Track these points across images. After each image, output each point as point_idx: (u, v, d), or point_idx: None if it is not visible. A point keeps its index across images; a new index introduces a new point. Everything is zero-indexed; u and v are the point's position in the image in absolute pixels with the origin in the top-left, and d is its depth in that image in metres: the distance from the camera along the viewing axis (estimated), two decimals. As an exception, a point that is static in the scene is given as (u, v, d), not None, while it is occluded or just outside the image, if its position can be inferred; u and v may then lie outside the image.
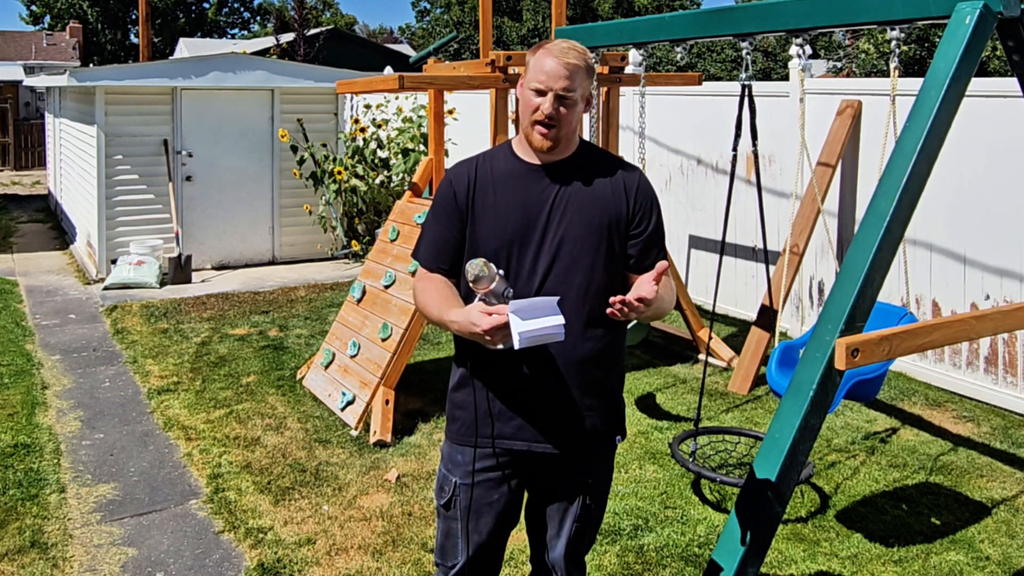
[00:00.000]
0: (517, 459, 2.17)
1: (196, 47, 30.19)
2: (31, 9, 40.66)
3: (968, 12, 2.55)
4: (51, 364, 5.75)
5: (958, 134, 3.22)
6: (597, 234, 2.10)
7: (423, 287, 2.16)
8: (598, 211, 2.11)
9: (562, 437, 2.14)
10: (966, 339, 2.91)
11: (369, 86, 5.61)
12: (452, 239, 2.15)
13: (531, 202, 2.10)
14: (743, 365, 5.29)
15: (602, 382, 2.17)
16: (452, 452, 2.22)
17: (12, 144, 20.39)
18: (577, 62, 2.06)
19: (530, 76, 2.08)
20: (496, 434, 2.14)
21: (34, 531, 3.56)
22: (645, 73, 4.82)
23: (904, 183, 2.45)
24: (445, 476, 2.23)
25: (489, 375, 2.14)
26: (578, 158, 2.16)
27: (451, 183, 2.18)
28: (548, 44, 2.11)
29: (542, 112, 2.05)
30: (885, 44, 18.24)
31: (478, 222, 2.12)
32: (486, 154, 2.23)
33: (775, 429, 2.41)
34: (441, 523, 2.26)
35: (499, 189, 2.13)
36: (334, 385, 4.96)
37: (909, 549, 3.40)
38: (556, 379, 2.10)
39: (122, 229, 8.26)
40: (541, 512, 2.27)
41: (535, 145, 2.10)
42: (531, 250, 2.08)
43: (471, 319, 1.91)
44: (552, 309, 1.90)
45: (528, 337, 1.86)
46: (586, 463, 2.21)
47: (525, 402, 2.12)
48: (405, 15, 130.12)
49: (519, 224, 2.09)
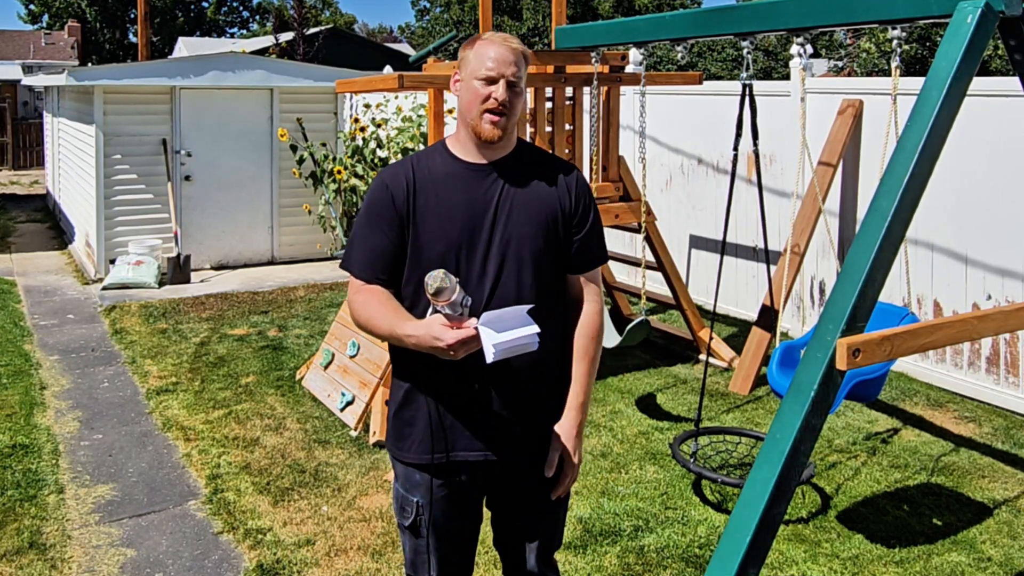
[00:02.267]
0: (474, 470, 2.11)
1: (195, 46, 30.17)
2: (29, 8, 40.66)
3: (970, 11, 2.53)
4: (49, 364, 5.74)
5: (960, 134, 3.20)
6: (543, 231, 2.07)
7: (364, 300, 2.02)
8: (542, 208, 2.08)
9: (519, 441, 2.10)
10: (968, 339, 2.90)
11: (369, 85, 5.60)
12: (390, 246, 2.03)
13: (475, 202, 2.04)
14: (744, 365, 5.28)
15: (556, 380, 2.14)
16: (408, 472, 2.13)
17: (10, 144, 20.39)
18: (519, 48, 2.05)
19: (474, 67, 2.02)
20: (450, 447, 2.07)
21: (32, 532, 3.54)
22: (645, 72, 4.81)
23: (905, 183, 2.44)
24: (405, 497, 2.14)
25: (438, 387, 2.05)
26: (518, 156, 2.13)
27: (387, 187, 2.06)
28: (485, 35, 2.07)
29: (495, 99, 2.00)
30: (886, 43, 18.24)
31: (420, 226, 2.03)
32: (420, 155, 2.15)
33: (776, 430, 2.39)
34: (408, 541, 2.20)
35: (440, 190, 2.04)
36: (333, 385, 4.95)
37: (910, 550, 3.39)
38: (509, 383, 2.05)
39: (121, 229, 8.25)
40: (507, 522, 2.23)
41: (484, 135, 2.03)
42: (479, 252, 2.02)
43: (433, 333, 1.84)
44: (524, 319, 1.85)
45: (503, 350, 1.82)
46: (542, 459, 2.14)
47: (478, 411, 2.06)
48: (405, 14, 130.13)
49: (465, 225, 2.02)
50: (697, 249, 7.14)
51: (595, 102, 5.02)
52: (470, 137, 2.07)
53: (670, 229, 7.08)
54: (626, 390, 5.17)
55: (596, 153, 5.21)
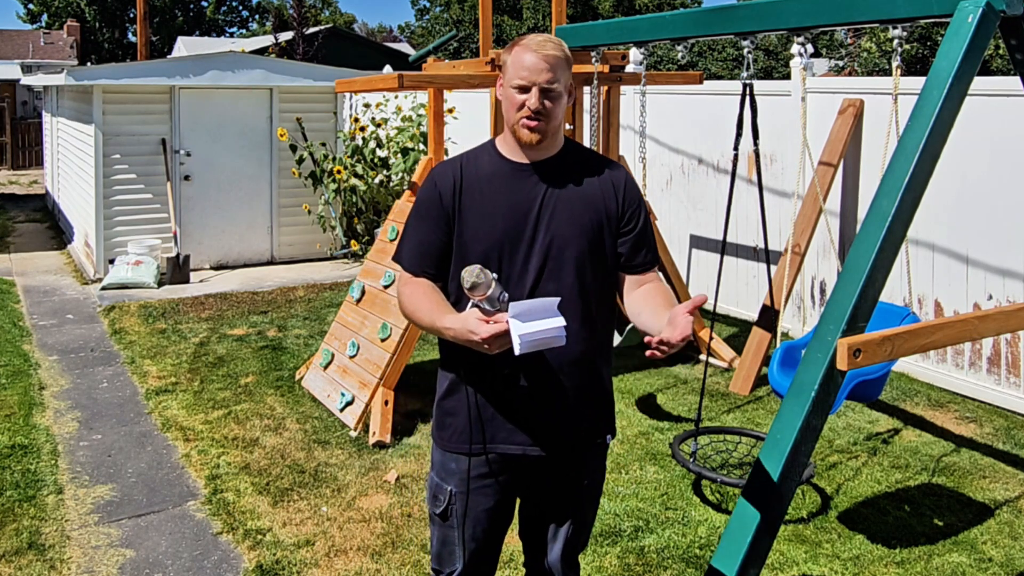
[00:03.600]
0: (511, 464, 2.14)
1: (194, 46, 30.14)
2: (28, 7, 40.63)
3: (971, 11, 2.53)
4: (48, 364, 5.73)
5: (960, 133, 3.19)
6: (587, 233, 2.07)
7: (410, 292, 2.10)
8: (588, 210, 2.08)
9: (555, 439, 2.12)
10: (969, 339, 2.89)
11: (368, 85, 5.59)
12: (437, 242, 2.10)
13: (520, 202, 2.07)
14: (744, 365, 5.27)
15: (594, 382, 2.15)
16: (445, 460, 2.18)
17: (9, 143, 20.36)
18: (556, 53, 2.04)
19: (511, 74, 2.05)
20: (489, 439, 2.11)
21: (31, 532, 3.54)
22: (646, 72, 4.80)
23: (906, 182, 2.43)
24: (439, 485, 2.19)
25: (480, 380, 2.10)
26: (564, 156, 2.14)
27: (435, 184, 2.12)
28: (524, 40, 2.08)
29: (528, 107, 2.02)
30: (887, 43, 18.23)
31: (466, 224, 2.08)
32: (469, 154, 2.18)
33: (776, 430, 2.39)
34: (436, 530, 2.23)
35: (486, 189, 2.09)
36: (333, 386, 4.94)
37: (911, 551, 3.38)
38: (548, 381, 2.07)
39: (120, 229, 8.24)
40: (536, 515, 2.25)
41: (523, 140, 2.06)
42: (522, 251, 2.05)
43: (468, 327, 1.88)
44: (552, 311, 1.86)
45: (528, 341, 1.82)
46: (580, 464, 2.19)
47: (518, 406, 2.10)
48: (404, 13, 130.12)
49: (508, 225, 2.05)
50: (697, 249, 7.13)
51: (595, 102, 5.01)
52: (514, 139, 2.11)
53: (670, 229, 7.08)
54: (626, 390, 5.16)
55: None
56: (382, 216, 9.07)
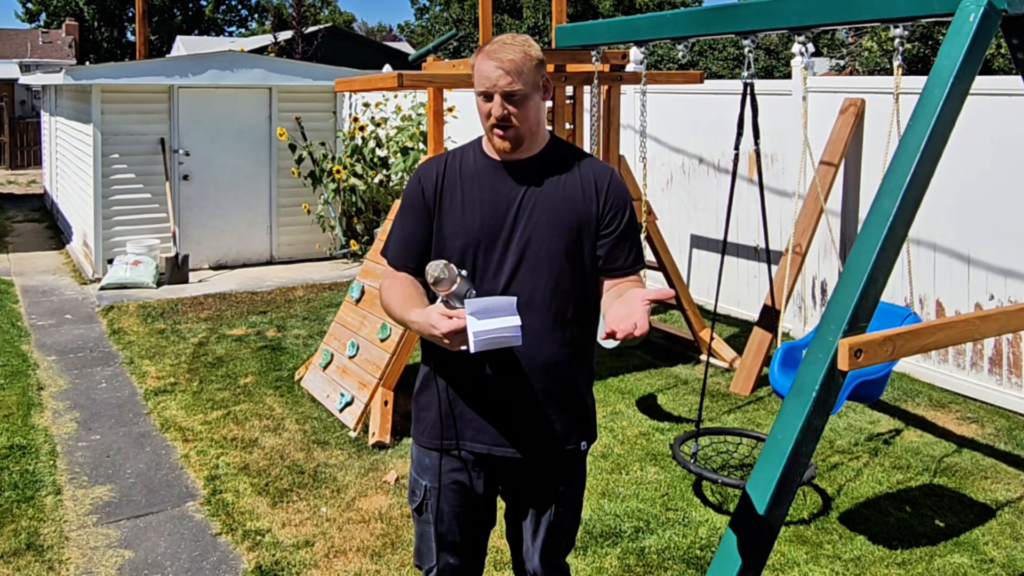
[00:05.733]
0: (483, 462, 2.13)
1: (193, 45, 30.11)
2: (27, 7, 40.61)
3: (972, 10, 2.52)
4: (47, 365, 5.72)
5: (962, 132, 3.18)
6: (565, 234, 2.05)
7: (388, 285, 2.13)
8: (567, 211, 2.07)
9: (524, 441, 2.09)
10: (970, 339, 2.88)
11: (368, 84, 5.58)
12: (420, 236, 2.12)
13: (499, 200, 2.07)
14: (745, 366, 5.26)
15: (567, 386, 2.11)
16: (420, 455, 2.19)
17: (8, 143, 20.35)
18: (514, 56, 2.01)
19: (476, 82, 2.06)
20: (459, 436, 2.11)
21: (30, 533, 3.52)
22: (646, 71, 4.79)
23: (908, 182, 2.42)
24: (415, 480, 2.20)
25: (452, 375, 2.11)
26: (547, 155, 2.12)
27: (419, 180, 2.15)
28: (486, 46, 2.06)
29: (494, 116, 2.02)
30: (888, 42, 18.21)
31: (444, 219, 2.09)
32: (456, 151, 2.19)
33: (777, 430, 2.38)
34: (416, 526, 2.24)
35: (467, 186, 2.09)
36: (332, 386, 4.93)
37: (913, 551, 3.37)
38: (519, 381, 2.06)
39: (119, 229, 8.22)
40: (516, 519, 2.23)
41: (496, 148, 2.08)
42: (497, 249, 2.05)
43: (430, 321, 1.89)
44: (510, 309, 1.84)
45: (483, 340, 1.80)
46: (554, 470, 2.15)
47: (487, 404, 2.09)
48: (404, 13, 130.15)
49: (485, 222, 2.05)
50: (698, 249, 7.12)
51: (595, 101, 5.00)
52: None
53: (671, 229, 7.06)
54: (627, 391, 5.15)
55: (596, 152, 5.19)
56: (382, 216, 9.06)
